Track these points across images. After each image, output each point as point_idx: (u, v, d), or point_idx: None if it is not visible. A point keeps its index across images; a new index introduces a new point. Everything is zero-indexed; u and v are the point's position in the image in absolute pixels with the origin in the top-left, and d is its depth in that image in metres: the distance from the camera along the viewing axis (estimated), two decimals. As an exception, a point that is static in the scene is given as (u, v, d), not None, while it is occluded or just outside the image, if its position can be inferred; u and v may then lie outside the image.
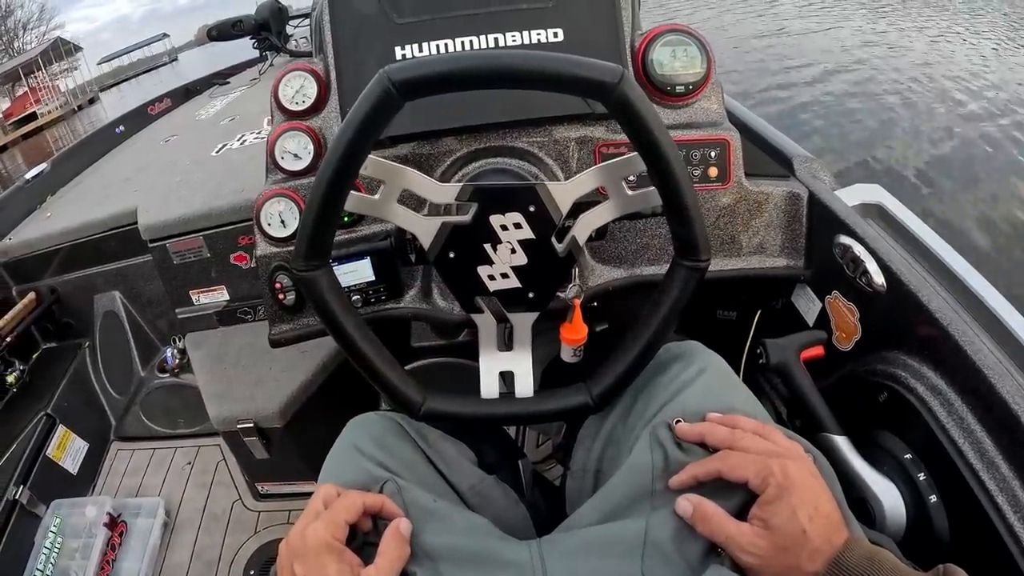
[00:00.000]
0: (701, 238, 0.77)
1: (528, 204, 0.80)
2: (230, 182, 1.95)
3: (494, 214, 0.80)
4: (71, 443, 2.21)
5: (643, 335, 0.81)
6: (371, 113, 0.70)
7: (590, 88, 0.69)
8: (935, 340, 0.93)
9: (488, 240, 0.81)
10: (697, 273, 0.79)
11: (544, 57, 0.68)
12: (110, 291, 2.54)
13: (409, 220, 0.80)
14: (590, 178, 0.80)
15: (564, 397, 0.84)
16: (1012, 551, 0.77)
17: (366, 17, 1.09)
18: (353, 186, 0.74)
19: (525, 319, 0.87)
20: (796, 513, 0.64)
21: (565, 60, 0.68)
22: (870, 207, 1.25)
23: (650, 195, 0.78)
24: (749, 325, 1.29)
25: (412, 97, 0.70)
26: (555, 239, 0.82)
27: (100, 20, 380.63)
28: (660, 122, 0.71)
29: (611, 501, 0.78)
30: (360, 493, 0.74)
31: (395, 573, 0.69)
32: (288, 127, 1.13)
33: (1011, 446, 0.81)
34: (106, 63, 67.43)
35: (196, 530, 1.96)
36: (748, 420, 0.76)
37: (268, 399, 1.64)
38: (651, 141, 0.71)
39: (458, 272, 0.82)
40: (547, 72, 0.68)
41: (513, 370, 0.86)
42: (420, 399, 0.83)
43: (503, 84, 0.70)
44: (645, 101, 0.70)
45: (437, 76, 0.69)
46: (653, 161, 0.73)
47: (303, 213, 0.78)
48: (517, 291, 0.84)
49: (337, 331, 0.80)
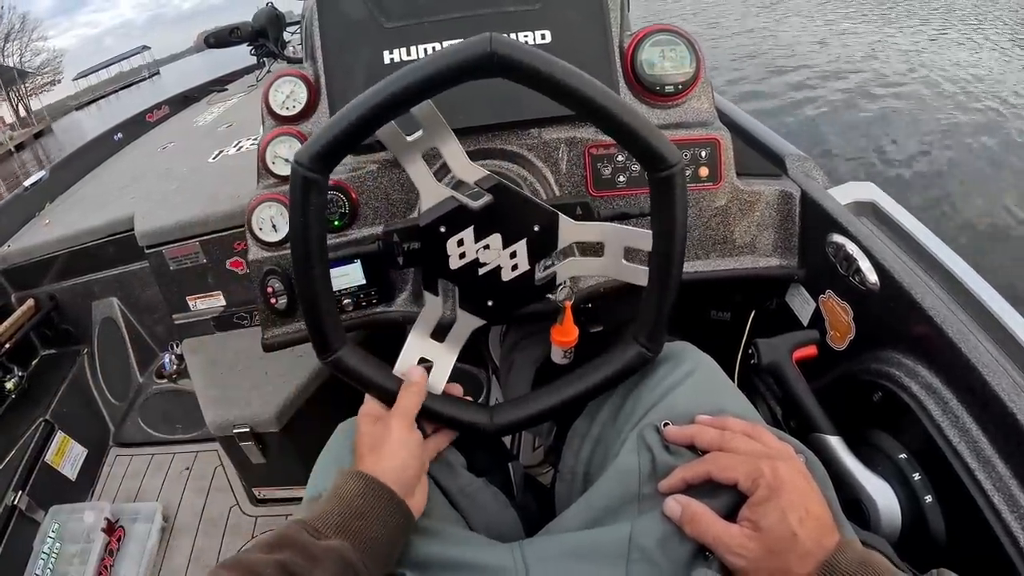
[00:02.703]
0: (661, 332, 0.82)
1: (535, 223, 0.81)
2: (226, 188, 1.95)
3: (502, 216, 0.80)
4: (70, 449, 2.21)
5: (563, 389, 0.85)
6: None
7: (652, 158, 0.72)
8: (929, 338, 0.92)
9: (482, 235, 0.81)
10: (644, 360, 0.83)
11: (631, 116, 0.71)
12: (108, 298, 2.55)
13: (422, 175, 0.80)
14: (598, 230, 0.83)
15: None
16: (1009, 551, 0.76)
17: (355, 22, 1.09)
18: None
19: (470, 322, 0.87)
20: (786, 515, 0.64)
21: (645, 124, 0.71)
22: (864, 205, 1.24)
23: (640, 274, 0.81)
24: (743, 326, 1.28)
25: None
26: (539, 266, 0.84)
27: (103, 25, 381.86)
28: (686, 219, 0.75)
29: (597, 505, 0.78)
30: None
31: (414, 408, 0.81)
32: (279, 132, 1.13)
33: (1007, 444, 0.80)
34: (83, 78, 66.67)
35: (194, 535, 1.95)
36: (738, 421, 0.75)
37: (264, 404, 1.64)
38: (673, 231, 0.75)
39: (437, 248, 0.82)
40: (623, 132, 0.71)
41: (433, 361, 0.86)
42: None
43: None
44: (686, 194, 0.74)
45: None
46: (663, 249, 0.76)
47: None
48: (479, 293, 0.85)
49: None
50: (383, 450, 0.77)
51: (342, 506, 0.71)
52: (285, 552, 0.64)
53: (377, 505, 0.72)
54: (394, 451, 0.77)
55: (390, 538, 0.72)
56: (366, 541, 0.69)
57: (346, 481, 0.74)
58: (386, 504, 0.72)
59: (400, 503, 0.73)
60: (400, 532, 0.73)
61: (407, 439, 0.78)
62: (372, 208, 1.12)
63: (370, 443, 0.79)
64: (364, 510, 0.71)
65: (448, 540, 0.78)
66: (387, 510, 0.72)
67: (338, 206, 1.10)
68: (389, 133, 0.75)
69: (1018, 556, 0.75)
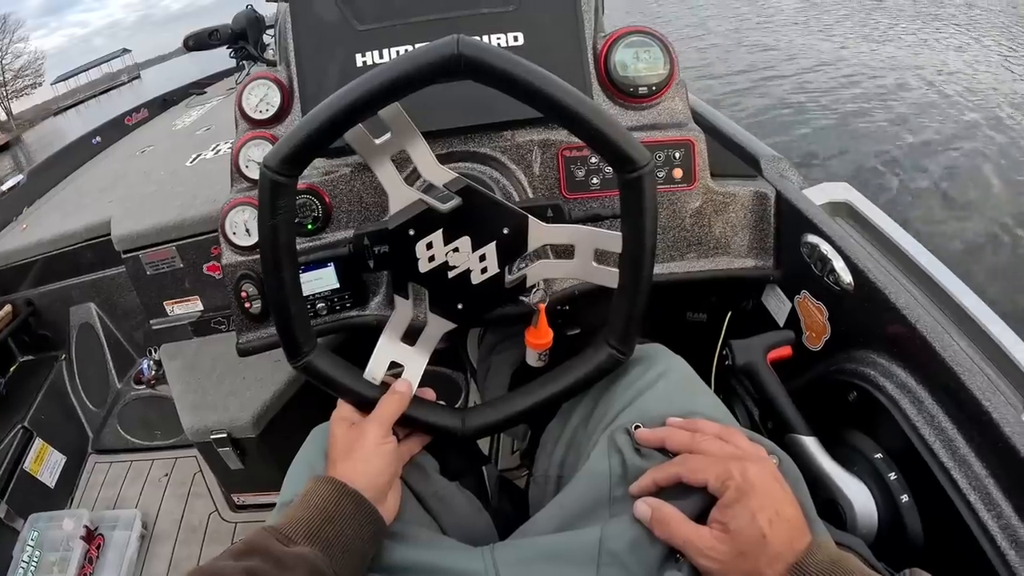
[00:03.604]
0: (632, 334, 0.81)
1: (504, 226, 0.81)
2: (203, 192, 1.94)
3: (471, 218, 0.80)
4: (48, 456, 2.19)
5: (537, 392, 0.84)
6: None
7: (620, 159, 0.71)
8: (904, 337, 0.92)
9: (451, 238, 0.80)
10: (616, 362, 0.82)
11: (600, 117, 0.70)
12: (86, 303, 2.52)
13: (390, 178, 0.79)
14: (568, 233, 0.83)
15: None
16: (986, 550, 0.76)
17: (328, 25, 1.09)
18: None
19: (441, 325, 0.87)
20: (756, 517, 0.63)
21: (614, 125, 0.70)
22: (839, 205, 1.24)
23: (610, 276, 0.80)
24: (720, 327, 1.28)
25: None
26: (508, 269, 0.84)
27: (93, 25, 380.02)
28: (656, 221, 0.74)
29: (569, 508, 0.77)
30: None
31: (393, 416, 0.80)
32: (252, 136, 1.13)
33: (983, 443, 0.80)
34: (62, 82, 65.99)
35: (173, 542, 1.94)
36: (709, 423, 0.75)
37: (241, 409, 1.63)
38: (643, 233, 0.74)
39: (406, 251, 0.81)
40: (591, 134, 0.70)
41: (404, 364, 0.86)
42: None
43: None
44: (656, 196, 0.73)
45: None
46: (633, 251, 0.76)
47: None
48: (449, 296, 0.84)
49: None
50: (356, 455, 0.76)
51: (312, 512, 0.71)
52: (254, 559, 0.63)
53: (348, 511, 0.71)
54: (367, 457, 0.76)
55: (361, 545, 0.71)
56: (336, 548, 0.69)
57: (317, 487, 0.73)
58: (357, 510, 0.72)
59: (372, 509, 0.73)
60: (371, 539, 0.73)
61: (381, 445, 0.78)
62: (345, 211, 1.11)
63: (343, 448, 0.78)
64: (335, 516, 0.70)
65: (419, 545, 0.78)
66: (358, 516, 0.72)
67: (311, 209, 1.09)
68: (357, 136, 0.75)
69: (995, 554, 0.75)
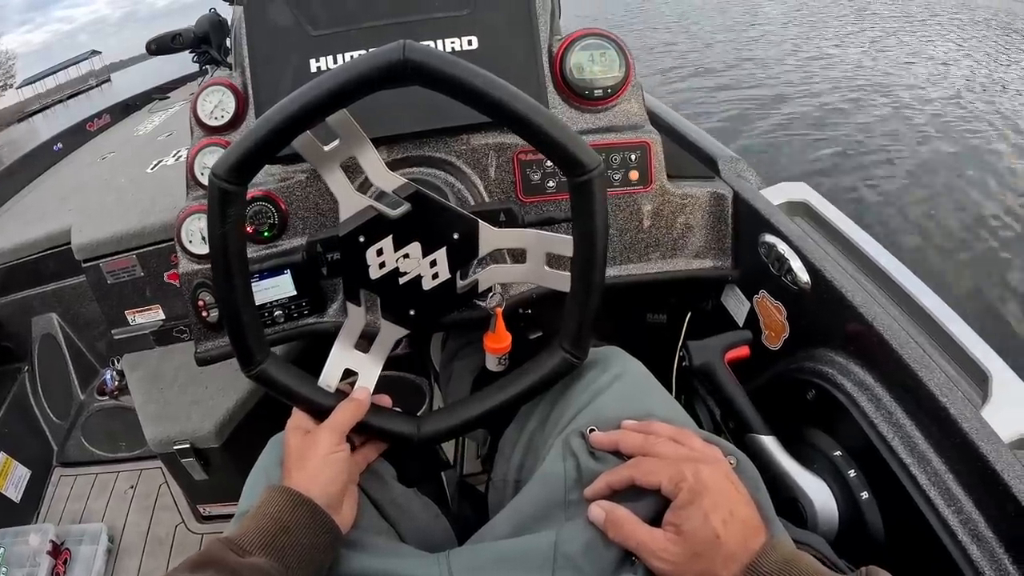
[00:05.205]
0: (586, 337, 0.80)
1: (454, 231, 0.80)
2: (163, 199, 1.91)
3: (420, 224, 0.79)
4: (13, 470, 2.15)
5: (493, 396, 0.84)
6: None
7: (569, 163, 0.70)
8: (861, 336, 0.93)
9: (401, 244, 0.80)
10: (570, 366, 0.82)
11: (548, 121, 0.69)
12: (47, 313, 2.47)
13: (340, 185, 0.78)
14: (519, 237, 0.83)
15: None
16: (946, 544, 0.76)
17: (282, 30, 1.07)
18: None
19: (394, 331, 0.86)
20: (709, 517, 0.63)
21: (562, 129, 0.69)
22: (796, 205, 1.25)
23: (562, 280, 0.80)
24: (680, 328, 1.28)
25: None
26: (459, 275, 0.83)
27: (78, 21, 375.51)
28: (607, 224, 0.74)
29: (524, 512, 0.77)
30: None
31: (348, 424, 0.80)
32: (207, 143, 1.11)
33: (941, 439, 0.81)
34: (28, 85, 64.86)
35: (140, 555, 1.91)
36: (663, 425, 0.75)
37: (204, 419, 1.61)
38: (594, 237, 0.74)
39: (357, 257, 0.81)
40: (539, 137, 0.70)
41: (358, 371, 0.85)
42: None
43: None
44: (606, 199, 0.73)
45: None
46: (584, 255, 0.75)
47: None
48: (400, 302, 0.84)
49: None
50: (309, 464, 0.76)
51: (267, 522, 0.70)
52: (208, 571, 0.62)
53: (303, 521, 0.70)
54: (320, 465, 0.75)
55: (317, 554, 0.71)
56: (292, 558, 0.68)
57: (272, 496, 0.73)
58: (312, 519, 0.71)
59: (326, 519, 0.72)
60: (327, 548, 0.72)
61: (333, 453, 0.77)
62: (301, 218, 1.10)
63: (296, 457, 0.77)
64: (290, 526, 0.70)
65: (376, 552, 0.77)
66: (313, 526, 0.71)
67: (267, 216, 1.07)
68: (305, 143, 0.74)
69: (955, 548, 0.76)
